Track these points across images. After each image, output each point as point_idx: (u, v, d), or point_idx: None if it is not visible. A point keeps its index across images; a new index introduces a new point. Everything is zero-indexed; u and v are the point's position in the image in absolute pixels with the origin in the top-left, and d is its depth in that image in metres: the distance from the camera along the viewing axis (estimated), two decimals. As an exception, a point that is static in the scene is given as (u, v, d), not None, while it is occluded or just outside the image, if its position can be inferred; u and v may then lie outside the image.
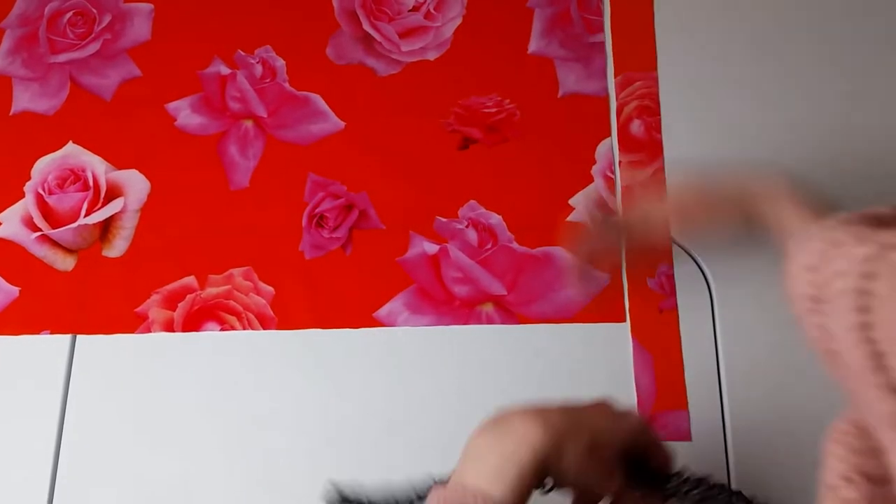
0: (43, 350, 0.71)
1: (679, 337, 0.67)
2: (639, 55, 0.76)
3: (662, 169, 0.72)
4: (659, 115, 0.74)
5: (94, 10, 0.83)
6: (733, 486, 0.62)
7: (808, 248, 0.25)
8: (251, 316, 0.71)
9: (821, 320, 0.25)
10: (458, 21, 0.79)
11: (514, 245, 0.71)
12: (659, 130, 0.73)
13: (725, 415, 0.64)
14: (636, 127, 0.74)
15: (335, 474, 0.66)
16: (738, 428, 0.64)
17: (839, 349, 0.25)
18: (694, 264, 0.69)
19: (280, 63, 0.79)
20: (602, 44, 0.77)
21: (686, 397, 0.65)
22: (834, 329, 0.24)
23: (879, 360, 0.23)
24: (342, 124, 0.76)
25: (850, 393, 0.28)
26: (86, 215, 0.76)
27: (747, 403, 0.64)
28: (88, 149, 0.78)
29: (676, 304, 0.68)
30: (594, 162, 0.73)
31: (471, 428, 0.66)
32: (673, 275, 0.69)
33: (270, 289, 0.71)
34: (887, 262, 0.22)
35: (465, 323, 0.69)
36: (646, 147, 0.73)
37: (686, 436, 0.64)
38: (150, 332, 0.71)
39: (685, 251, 0.69)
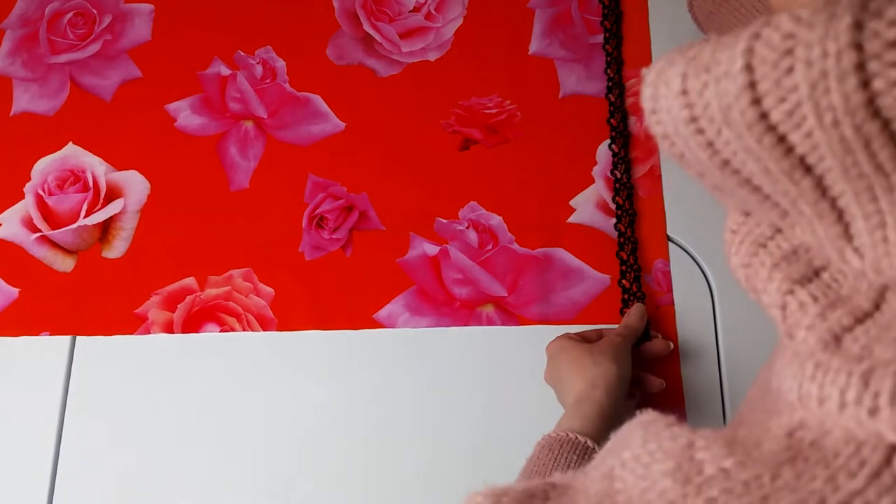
0: (43, 351, 0.71)
1: (676, 333, 0.67)
2: (634, 52, 0.76)
3: (658, 165, 0.72)
4: None
5: (95, 11, 0.83)
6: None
7: (651, 68, 0.26)
8: (251, 317, 0.70)
9: (663, 129, 0.26)
10: (459, 22, 0.79)
11: (515, 246, 0.70)
12: None
13: (726, 412, 0.64)
14: (632, 124, 0.74)
15: (335, 475, 0.66)
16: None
17: (683, 152, 0.26)
18: (694, 263, 0.69)
19: (280, 64, 0.79)
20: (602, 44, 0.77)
21: (683, 394, 0.65)
22: (671, 132, 0.25)
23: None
24: (342, 125, 0.76)
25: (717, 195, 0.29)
26: (85, 216, 0.75)
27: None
28: (88, 150, 0.78)
29: (673, 301, 0.67)
30: (595, 163, 0.72)
31: (471, 429, 0.66)
32: (669, 271, 0.68)
33: (270, 290, 0.71)
34: (700, 60, 0.23)
35: (466, 324, 0.69)
36: (642, 144, 0.73)
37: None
38: (150, 333, 0.71)
39: (684, 250, 0.69)
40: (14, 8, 0.85)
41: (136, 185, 0.76)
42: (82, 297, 0.73)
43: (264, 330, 0.70)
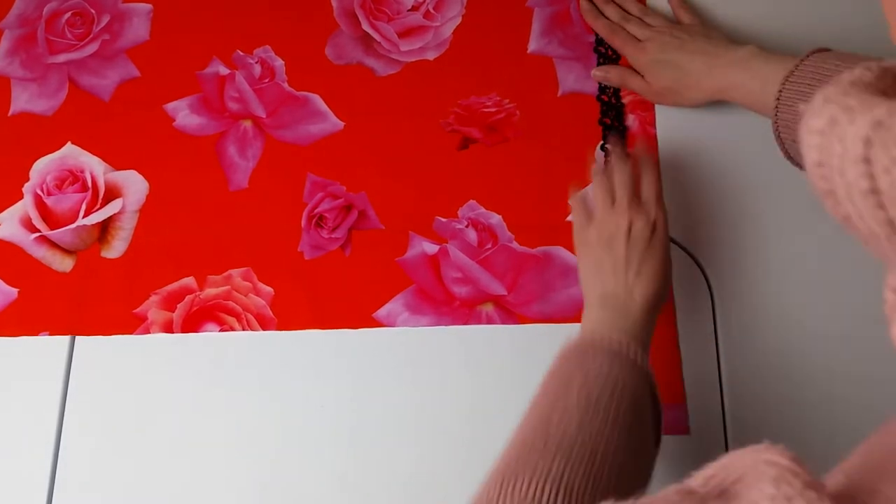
0: (42, 351, 0.71)
1: (676, 331, 0.67)
2: None
3: (657, 163, 0.72)
4: (653, 109, 0.74)
5: (93, 11, 0.83)
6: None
7: (820, 112, 0.24)
8: (250, 317, 0.70)
9: (829, 186, 0.24)
10: (458, 21, 0.79)
11: (514, 245, 0.70)
12: (653, 125, 0.73)
13: (725, 409, 0.64)
14: (631, 122, 0.74)
15: (335, 475, 0.66)
16: (738, 422, 0.64)
17: (851, 215, 0.24)
18: (694, 263, 0.69)
19: (279, 63, 0.79)
20: (602, 43, 0.77)
21: (684, 391, 0.65)
22: (842, 196, 0.24)
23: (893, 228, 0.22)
24: (341, 124, 0.76)
25: (880, 256, 0.27)
26: (84, 216, 0.75)
27: (747, 398, 0.64)
28: (87, 149, 0.78)
29: (673, 299, 0.68)
30: (594, 162, 0.72)
31: (471, 428, 0.66)
32: None
33: (270, 289, 0.71)
34: (890, 130, 0.21)
35: (465, 323, 0.69)
36: (641, 142, 0.73)
37: (684, 429, 0.64)
38: (149, 333, 0.71)
39: (684, 250, 0.69)
40: (12, 8, 0.85)
41: (134, 185, 0.76)
42: (81, 297, 0.73)
43: (264, 329, 0.70)
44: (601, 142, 0.73)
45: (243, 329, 0.70)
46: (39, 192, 0.77)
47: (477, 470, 0.65)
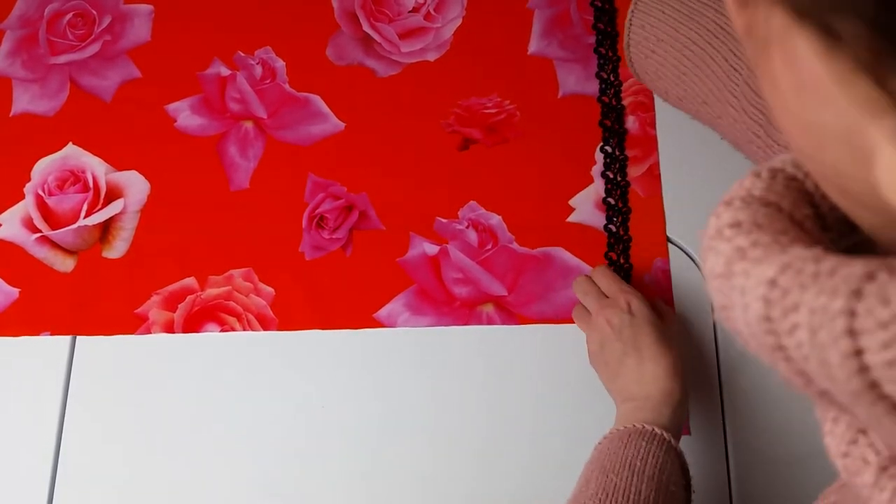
0: (43, 351, 0.71)
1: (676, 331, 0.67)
2: None
3: (657, 164, 0.72)
4: (653, 110, 0.74)
5: (94, 12, 0.83)
6: (732, 479, 0.62)
7: (717, 251, 0.25)
8: (251, 317, 0.71)
9: (735, 327, 0.25)
10: (458, 22, 0.79)
11: (515, 246, 0.71)
12: (653, 126, 0.73)
13: (725, 409, 0.64)
14: (631, 123, 0.74)
15: (336, 474, 0.66)
16: (738, 422, 0.64)
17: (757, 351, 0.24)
18: (693, 264, 0.69)
19: (280, 64, 0.79)
20: (602, 45, 0.77)
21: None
22: (751, 345, 0.24)
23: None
24: (342, 125, 0.77)
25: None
26: (86, 216, 0.76)
27: (747, 398, 0.64)
28: (88, 150, 0.78)
29: (672, 299, 0.68)
30: (594, 163, 0.73)
31: (471, 427, 0.67)
32: (669, 269, 0.69)
33: (271, 290, 0.71)
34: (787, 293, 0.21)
35: (466, 323, 0.69)
36: (640, 143, 0.73)
37: (684, 429, 0.64)
38: (150, 333, 0.71)
39: (683, 251, 0.69)
40: (14, 9, 0.85)
41: (136, 186, 0.76)
42: (83, 298, 0.73)
43: (265, 329, 0.70)
44: (601, 143, 0.73)
45: (244, 329, 0.70)
46: (41, 193, 0.77)
47: (478, 469, 0.65)
